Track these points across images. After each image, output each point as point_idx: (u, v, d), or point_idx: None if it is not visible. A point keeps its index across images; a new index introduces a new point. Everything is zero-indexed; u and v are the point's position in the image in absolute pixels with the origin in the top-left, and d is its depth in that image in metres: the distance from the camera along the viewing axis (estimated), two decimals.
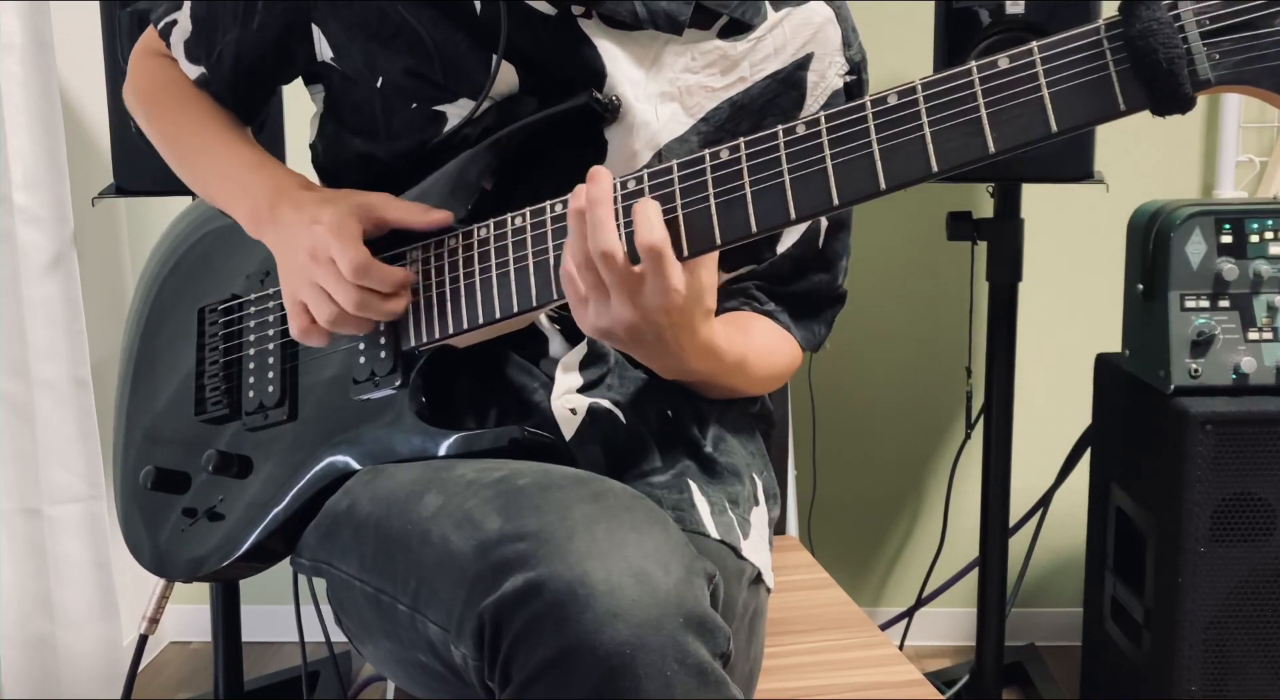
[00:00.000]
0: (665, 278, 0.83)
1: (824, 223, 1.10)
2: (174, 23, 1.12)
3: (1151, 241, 1.64)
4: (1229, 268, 1.60)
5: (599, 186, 0.85)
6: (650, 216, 0.83)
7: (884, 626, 2.25)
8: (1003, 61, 0.77)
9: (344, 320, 0.96)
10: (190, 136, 1.12)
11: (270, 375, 1.07)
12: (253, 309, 1.10)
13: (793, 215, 0.82)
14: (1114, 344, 1.86)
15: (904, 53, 1.88)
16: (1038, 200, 1.96)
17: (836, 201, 0.82)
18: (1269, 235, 1.60)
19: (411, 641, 0.85)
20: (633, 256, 0.84)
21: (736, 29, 1.01)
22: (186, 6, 1.11)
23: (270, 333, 1.08)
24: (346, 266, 0.93)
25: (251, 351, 1.09)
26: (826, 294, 1.13)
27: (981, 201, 2.06)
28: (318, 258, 0.95)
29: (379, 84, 1.02)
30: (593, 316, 0.87)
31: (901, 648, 2.22)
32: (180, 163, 1.14)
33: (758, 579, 1.05)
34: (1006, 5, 1.65)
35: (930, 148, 0.78)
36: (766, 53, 1.03)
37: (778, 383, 1.12)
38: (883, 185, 0.80)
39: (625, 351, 0.98)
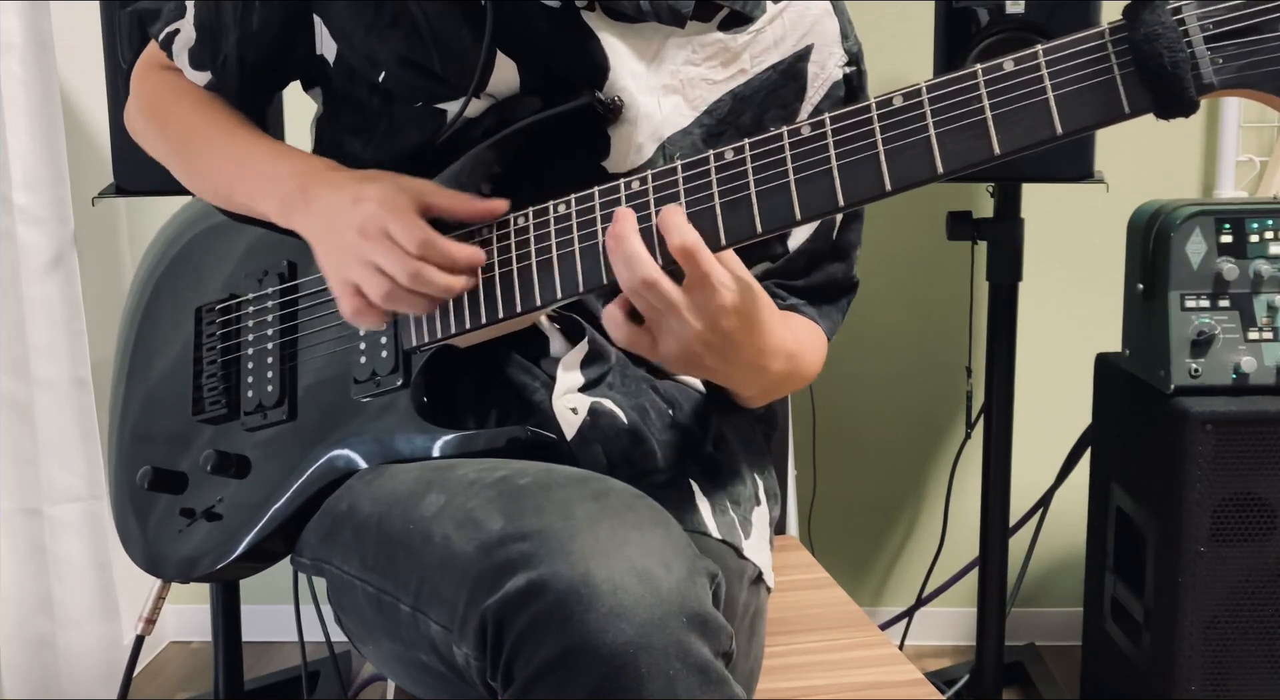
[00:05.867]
0: (710, 275, 0.82)
1: (838, 215, 1.09)
2: (176, 32, 1.11)
3: (1151, 241, 1.65)
4: (1229, 267, 1.60)
5: (622, 223, 0.84)
6: (677, 222, 0.83)
7: (884, 626, 2.25)
8: (1007, 64, 0.77)
9: (400, 296, 0.93)
10: (203, 141, 1.10)
11: (269, 375, 1.07)
12: (251, 308, 1.10)
13: (798, 216, 0.82)
14: (1114, 344, 1.86)
15: (904, 53, 1.89)
16: (1038, 200, 1.96)
17: (842, 203, 0.82)
18: (1269, 235, 1.60)
19: (413, 641, 0.85)
20: (669, 267, 0.83)
21: (737, 21, 1.02)
22: (190, 14, 1.10)
23: (269, 332, 1.08)
24: (410, 240, 0.90)
25: (250, 351, 1.09)
26: (843, 283, 1.13)
27: (981, 201, 2.06)
28: (368, 233, 0.92)
29: (380, 78, 1.02)
30: (665, 347, 0.86)
31: (901, 648, 2.22)
32: (194, 170, 1.11)
33: (758, 578, 1.05)
34: (1006, 5, 1.64)
35: (935, 149, 0.78)
36: (766, 44, 1.03)
37: (814, 378, 1.10)
38: (888, 187, 0.80)
39: (718, 380, 0.95)
